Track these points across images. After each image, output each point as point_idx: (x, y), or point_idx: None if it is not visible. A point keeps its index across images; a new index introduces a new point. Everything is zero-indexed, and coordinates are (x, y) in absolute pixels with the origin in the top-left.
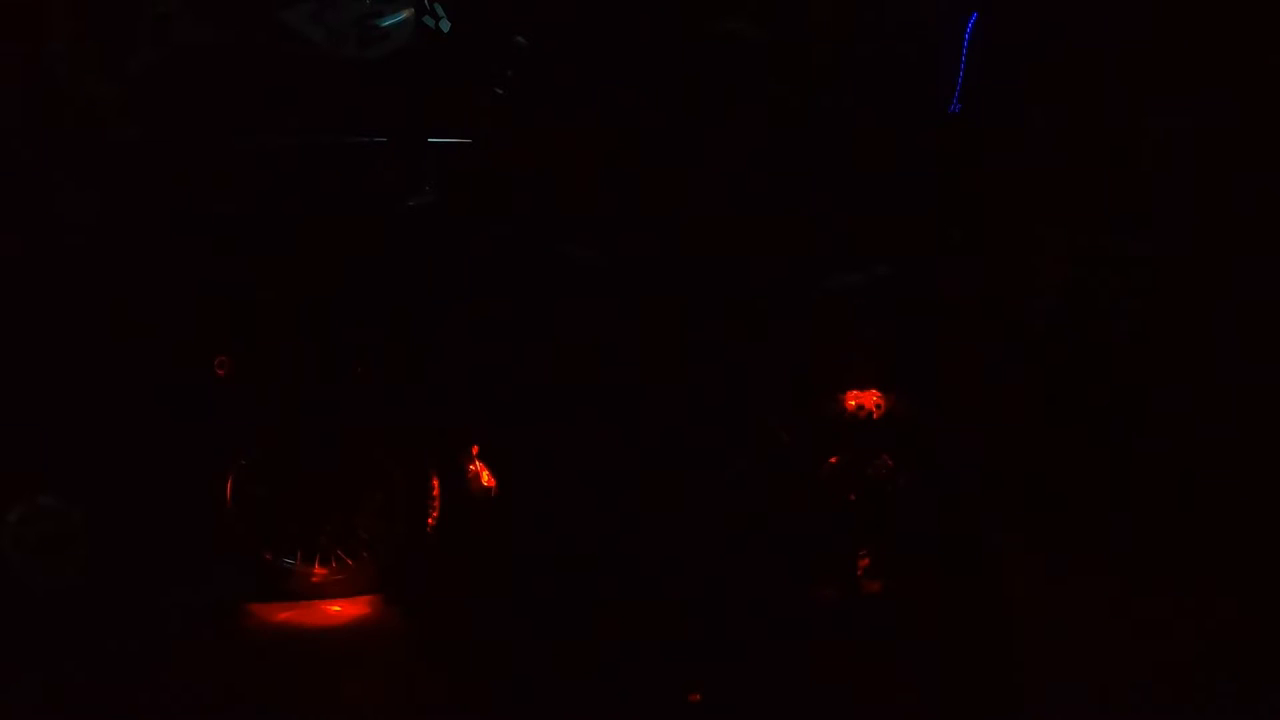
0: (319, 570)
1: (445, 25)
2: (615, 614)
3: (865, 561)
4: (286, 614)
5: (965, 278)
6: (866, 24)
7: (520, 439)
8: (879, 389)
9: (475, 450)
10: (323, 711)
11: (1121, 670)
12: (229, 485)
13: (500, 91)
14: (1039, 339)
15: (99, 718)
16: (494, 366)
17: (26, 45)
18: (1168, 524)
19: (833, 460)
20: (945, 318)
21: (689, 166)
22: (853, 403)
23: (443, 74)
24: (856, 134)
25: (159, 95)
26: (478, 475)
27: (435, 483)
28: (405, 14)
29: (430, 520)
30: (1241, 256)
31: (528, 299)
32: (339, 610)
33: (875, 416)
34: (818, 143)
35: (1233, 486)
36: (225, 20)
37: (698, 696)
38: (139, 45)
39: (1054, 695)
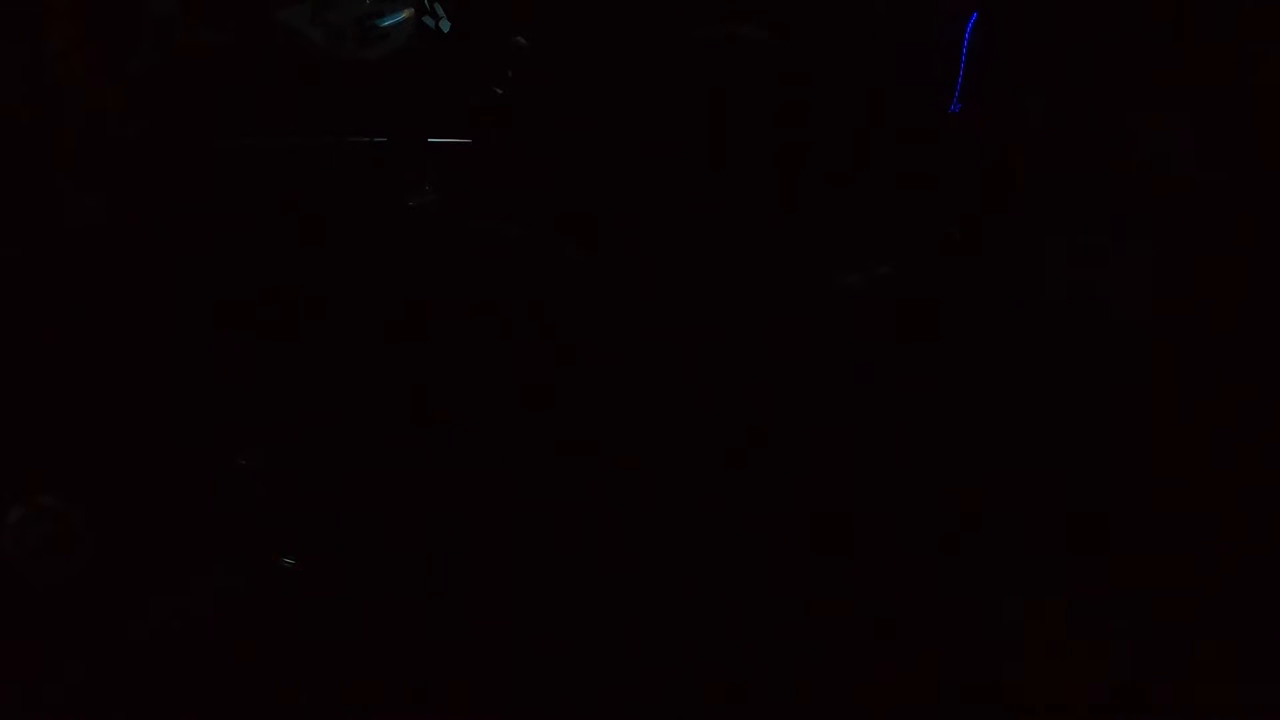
0: None
1: (445, 25)
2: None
3: None
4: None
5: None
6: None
7: None
8: None
9: None
10: (323, 711)
11: None
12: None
13: (500, 91)
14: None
15: (98, 717)
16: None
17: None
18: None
19: None
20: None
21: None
22: None
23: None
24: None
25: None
26: None
27: None
28: (405, 14)
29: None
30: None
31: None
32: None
33: None
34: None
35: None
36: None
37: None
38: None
39: None
